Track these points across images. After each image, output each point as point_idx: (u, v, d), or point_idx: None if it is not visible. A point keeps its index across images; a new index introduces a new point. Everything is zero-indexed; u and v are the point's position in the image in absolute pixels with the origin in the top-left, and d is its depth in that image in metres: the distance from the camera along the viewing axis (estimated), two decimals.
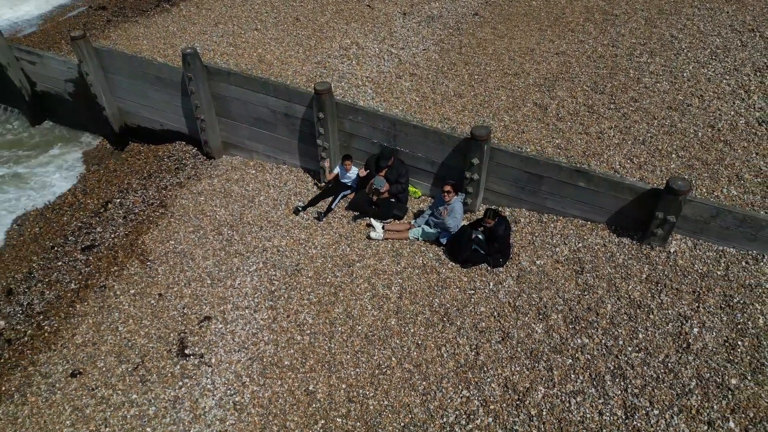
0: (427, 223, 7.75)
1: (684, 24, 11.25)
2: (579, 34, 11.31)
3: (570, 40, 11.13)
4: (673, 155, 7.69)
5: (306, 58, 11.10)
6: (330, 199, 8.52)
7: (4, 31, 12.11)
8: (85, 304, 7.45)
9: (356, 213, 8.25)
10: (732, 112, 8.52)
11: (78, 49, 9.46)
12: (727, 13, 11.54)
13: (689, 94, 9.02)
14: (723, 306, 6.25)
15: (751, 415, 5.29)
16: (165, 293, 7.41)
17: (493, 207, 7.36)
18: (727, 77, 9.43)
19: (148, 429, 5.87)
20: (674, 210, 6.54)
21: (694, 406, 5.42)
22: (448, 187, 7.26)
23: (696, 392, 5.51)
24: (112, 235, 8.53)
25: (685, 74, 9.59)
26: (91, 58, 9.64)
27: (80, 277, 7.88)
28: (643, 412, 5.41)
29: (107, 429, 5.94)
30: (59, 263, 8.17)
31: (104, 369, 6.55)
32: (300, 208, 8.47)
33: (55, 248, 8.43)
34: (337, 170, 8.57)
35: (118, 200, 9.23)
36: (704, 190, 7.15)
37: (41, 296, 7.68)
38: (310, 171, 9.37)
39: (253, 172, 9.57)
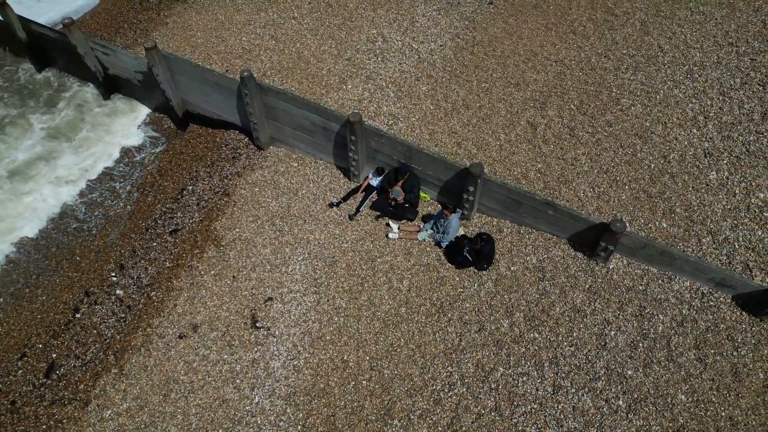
0: (432, 228, 10.20)
1: (674, 32, 12.68)
2: (579, 38, 12.82)
3: (570, 44, 12.68)
4: (626, 186, 9.89)
5: (338, 53, 12.90)
6: (360, 200, 10.88)
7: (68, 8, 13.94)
8: (179, 280, 10.23)
9: (378, 213, 10.68)
10: (686, 142, 10.51)
11: (151, 57, 11.41)
12: (716, 20, 12.88)
13: (656, 120, 10.92)
14: (637, 314, 8.85)
15: (635, 396, 8.10)
16: (237, 276, 10.14)
17: (483, 233, 9.66)
18: (694, 101, 11.23)
19: (238, 380, 8.87)
20: (613, 242, 8.91)
21: (599, 387, 8.23)
22: (446, 211, 9.60)
23: (602, 378, 8.29)
24: (191, 221, 11.12)
25: (659, 96, 11.37)
26: (161, 63, 11.61)
27: (172, 257, 10.60)
28: (565, 390, 8.23)
29: (210, 378, 8.94)
30: (154, 244, 10.85)
31: (201, 334, 9.45)
32: (335, 204, 10.90)
33: (149, 230, 11.07)
34: (370, 176, 10.82)
35: (191, 187, 11.69)
36: (642, 221, 9.45)
37: (146, 271, 10.46)
38: (341, 168, 11.63)
39: (296, 165, 11.86)
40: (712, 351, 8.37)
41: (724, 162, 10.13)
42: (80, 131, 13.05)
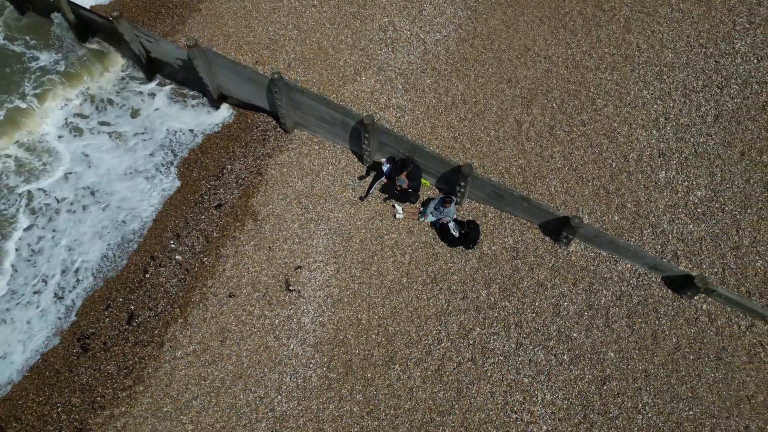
0: (430, 212, 12.54)
1: (653, 30, 14.26)
2: (568, 34, 14.44)
3: (559, 40, 14.32)
4: (590, 183, 12.08)
5: (353, 43, 14.62)
6: (370, 182, 13.12)
7: None
8: (226, 248, 12.75)
9: (386, 196, 12.97)
10: (645, 143, 12.55)
11: (192, 53, 13.29)
12: (693, 18, 14.38)
13: (623, 120, 12.88)
14: (586, 289, 11.39)
15: (577, 352, 10.79)
16: (272, 246, 12.64)
17: (471, 221, 11.94)
18: (659, 102, 13.11)
19: (277, 332, 11.62)
20: (572, 232, 11.28)
21: (551, 345, 10.92)
22: (447, 204, 11.86)
23: (554, 338, 10.97)
24: (231, 197, 13.47)
25: (629, 96, 13.22)
26: (200, 57, 13.48)
27: (218, 228, 13.05)
28: (525, 346, 10.94)
29: (255, 329, 11.68)
30: (202, 216, 13.27)
31: (246, 294, 12.10)
32: (363, 177, 13.03)
33: (197, 204, 13.46)
34: (384, 161, 12.91)
35: (229, 166, 13.93)
36: (599, 213, 11.74)
37: (197, 240, 12.97)
38: (356, 153, 13.77)
39: (317, 148, 13.99)
40: (640, 320, 10.97)
41: (674, 162, 12.23)
42: (135, 111, 15.07)
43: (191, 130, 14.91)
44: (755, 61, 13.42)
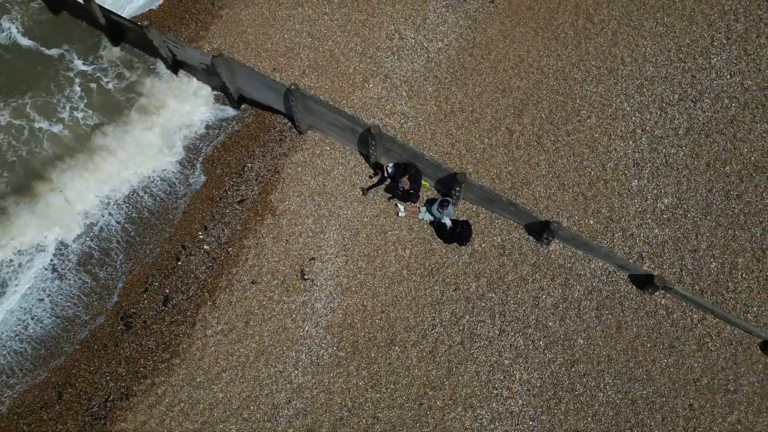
0: (429, 211, 14.19)
1: (637, 44, 15.58)
2: (560, 46, 15.77)
3: (551, 52, 15.67)
4: (570, 190, 13.68)
5: (362, 51, 16.00)
6: (376, 181, 14.73)
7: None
8: (248, 240, 14.48)
9: (390, 196, 14.59)
10: (621, 153, 14.07)
11: (216, 62, 14.73)
12: (675, 32, 15.68)
13: (604, 131, 14.37)
14: (563, 284, 13.13)
15: (551, 339, 12.59)
16: (289, 239, 14.35)
17: (465, 221, 13.56)
18: (637, 114, 14.57)
19: (294, 315, 13.42)
20: (552, 234, 12.95)
21: (529, 332, 12.73)
22: (445, 205, 13.50)
23: (532, 326, 12.77)
24: (252, 193, 15.11)
25: (611, 108, 14.68)
26: (224, 65, 14.93)
27: (240, 221, 14.75)
28: (507, 333, 12.75)
29: (275, 313, 13.49)
30: (227, 210, 14.95)
31: (267, 281, 13.88)
32: (372, 176, 14.61)
33: (221, 199, 15.13)
34: (390, 165, 14.45)
35: (249, 164, 15.53)
36: (576, 218, 13.38)
37: (223, 232, 14.68)
38: (363, 154, 15.33)
39: (328, 149, 15.54)
40: (607, 312, 12.74)
41: (646, 171, 13.77)
42: (160, 109, 16.56)
43: (206, 124, 16.27)
44: (728, 77, 14.77)
